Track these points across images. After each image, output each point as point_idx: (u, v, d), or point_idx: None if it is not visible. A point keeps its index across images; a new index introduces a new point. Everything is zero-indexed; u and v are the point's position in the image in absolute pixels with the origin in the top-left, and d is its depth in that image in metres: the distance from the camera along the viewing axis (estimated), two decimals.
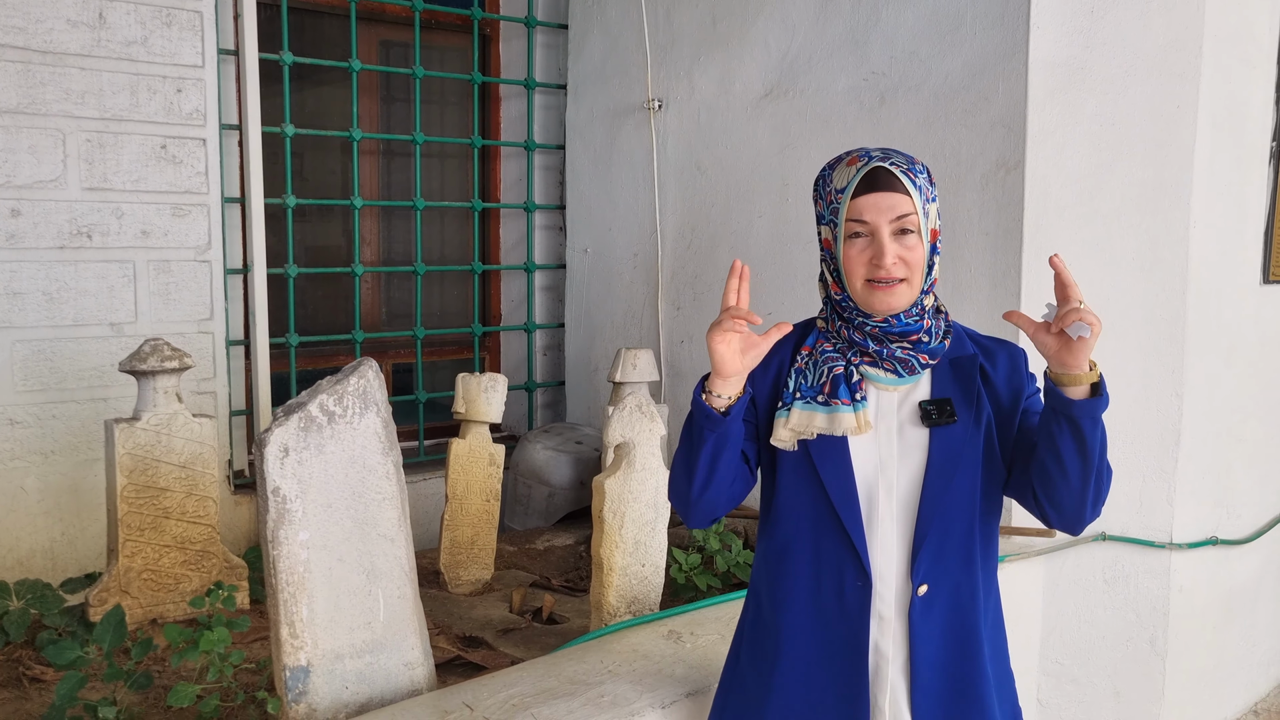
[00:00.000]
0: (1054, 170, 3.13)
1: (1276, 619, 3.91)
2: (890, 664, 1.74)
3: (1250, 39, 3.34)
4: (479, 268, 4.76)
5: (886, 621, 1.74)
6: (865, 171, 1.67)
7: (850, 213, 1.68)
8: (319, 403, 2.21)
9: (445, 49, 4.78)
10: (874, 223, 1.66)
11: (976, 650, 1.76)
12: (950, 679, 1.75)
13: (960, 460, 1.72)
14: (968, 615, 1.76)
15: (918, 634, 1.73)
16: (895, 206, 1.66)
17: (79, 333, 3.58)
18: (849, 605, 1.74)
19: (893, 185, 1.66)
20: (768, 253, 3.89)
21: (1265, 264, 3.54)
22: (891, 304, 1.68)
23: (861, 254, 1.68)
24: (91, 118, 3.55)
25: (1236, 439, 3.50)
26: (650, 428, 2.84)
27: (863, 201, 1.67)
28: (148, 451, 3.01)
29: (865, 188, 1.67)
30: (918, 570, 1.72)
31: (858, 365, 1.74)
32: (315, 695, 2.21)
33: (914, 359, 1.72)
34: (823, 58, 3.68)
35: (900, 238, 1.67)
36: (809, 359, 1.78)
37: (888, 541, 1.74)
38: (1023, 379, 1.79)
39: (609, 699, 2.20)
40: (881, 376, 1.74)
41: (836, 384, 1.73)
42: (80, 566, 3.58)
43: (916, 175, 1.69)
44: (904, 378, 1.74)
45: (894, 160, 1.68)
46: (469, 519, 3.48)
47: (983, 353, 1.80)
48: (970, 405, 1.74)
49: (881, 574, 1.74)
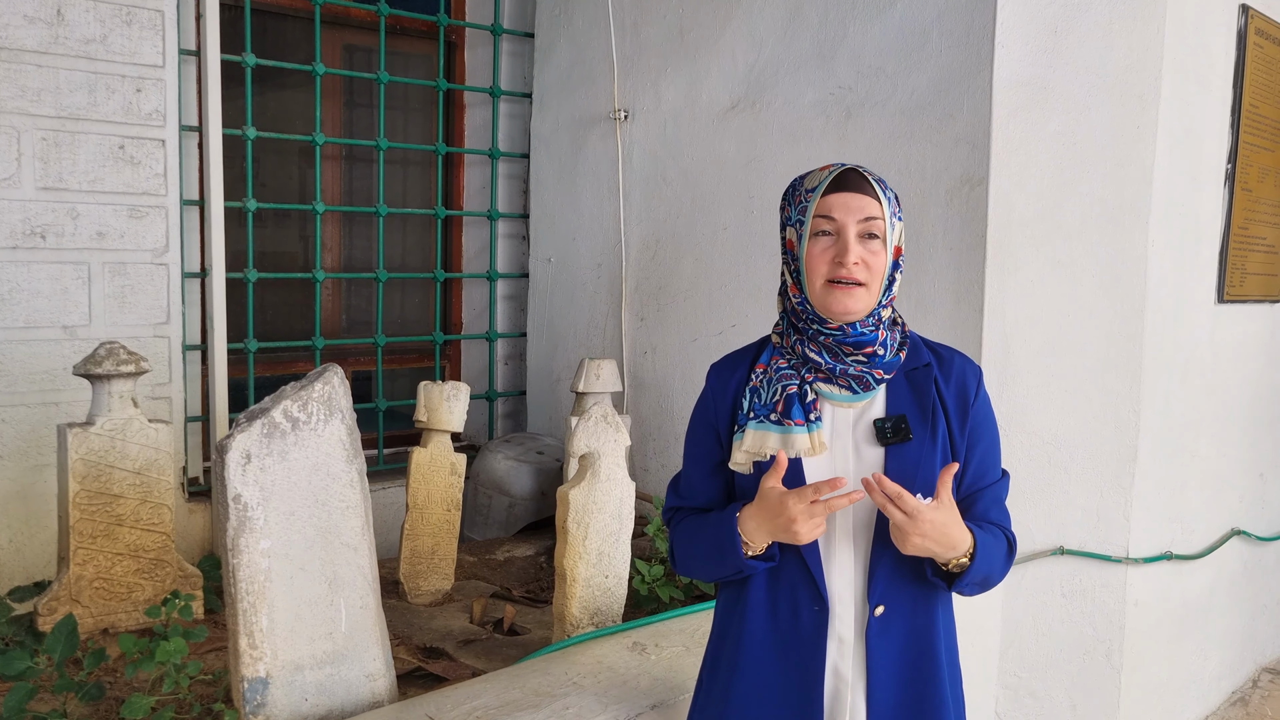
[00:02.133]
0: (1017, 187, 3.17)
1: (1228, 633, 3.97)
2: (850, 687, 1.72)
3: (1207, 63, 3.40)
4: (441, 275, 4.73)
5: (846, 644, 1.73)
6: (838, 172, 1.69)
7: (819, 209, 1.69)
8: (283, 409, 2.17)
9: (410, 55, 4.75)
10: (841, 220, 1.67)
11: (935, 671, 1.75)
12: (908, 701, 1.73)
13: (916, 478, 1.70)
14: (925, 636, 1.75)
15: (874, 656, 1.71)
16: (864, 208, 1.67)
17: (30, 335, 3.50)
18: (805, 629, 1.73)
19: (863, 188, 1.68)
20: (731, 265, 3.89)
21: (1220, 283, 3.60)
22: (849, 306, 1.67)
23: (825, 252, 1.68)
24: (48, 116, 3.48)
25: (1191, 456, 3.56)
26: (615, 438, 2.83)
27: (832, 199, 1.68)
28: (101, 457, 2.94)
29: (836, 187, 1.69)
30: (874, 591, 1.70)
31: (811, 383, 1.73)
32: (274, 707, 2.17)
33: (868, 375, 1.71)
34: (789, 71, 3.69)
35: (865, 241, 1.67)
36: (764, 376, 1.76)
37: (844, 562, 1.73)
38: (970, 397, 1.77)
39: (574, 711, 2.18)
40: (836, 394, 1.73)
41: (790, 403, 1.71)
42: (28, 575, 3.49)
43: (886, 188, 1.71)
44: (859, 394, 1.73)
45: (867, 170, 1.71)
46: (430, 528, 3.45)
47: (937, 362, 1.79)
48: (926, 421, 1.73)
49: (840, 596, 1.73)
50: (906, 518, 1.58)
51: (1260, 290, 3.87)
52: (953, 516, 1.62)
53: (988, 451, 1.80)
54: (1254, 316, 3.88)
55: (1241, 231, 3.68)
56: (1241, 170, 3.63)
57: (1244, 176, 3.66)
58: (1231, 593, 3.94)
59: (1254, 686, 4.16)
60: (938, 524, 1.59)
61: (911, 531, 1.58)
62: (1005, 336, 3.20)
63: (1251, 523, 4.00)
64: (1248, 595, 4.08)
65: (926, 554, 1.63)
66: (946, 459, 1.74)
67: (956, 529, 1.62)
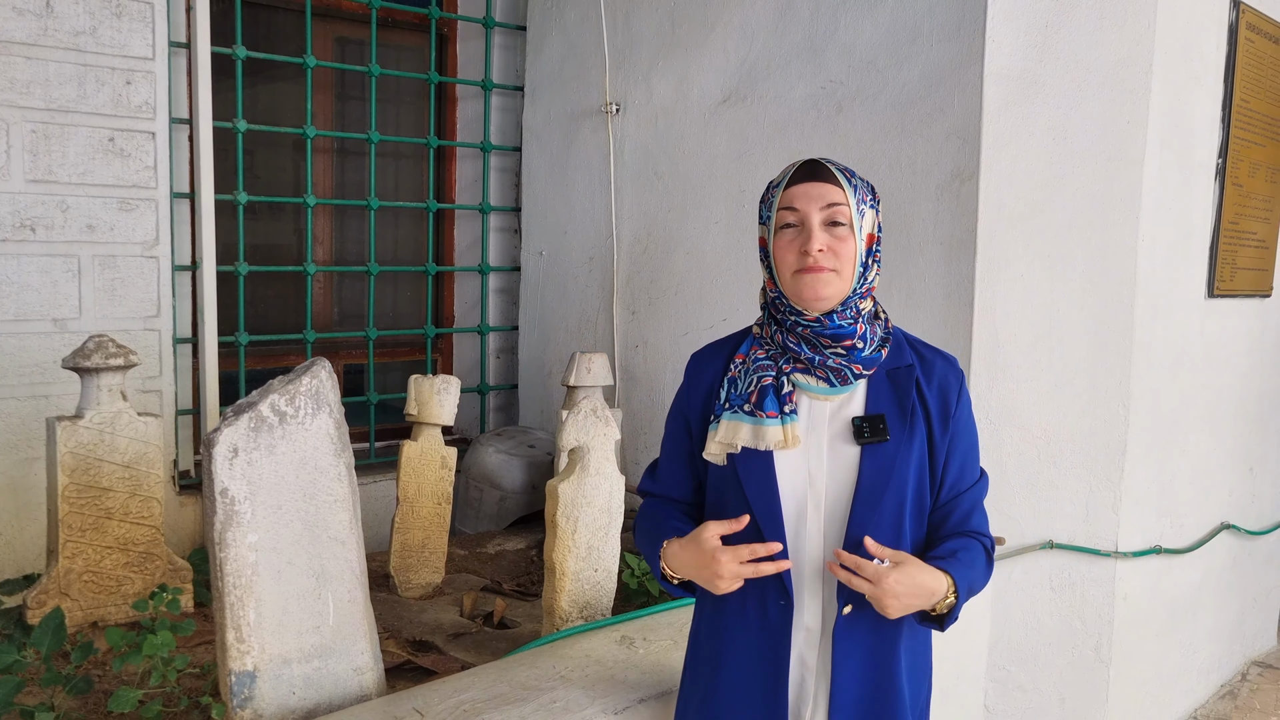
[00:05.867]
0: (1007, 182, 3.17)
1: (1216, 627, 3.98)
2: (817, 678, 1.75)
3: (1198, 57, 3.40)
4: (433, 269, 4.72)
5: (813, 634, 1.75)
6: (800, 164, 1.71)
7: (782, 202, 1.70)
8: (270, 402, 2.17)
9: (401, 47, 4.74)
10: (804, 210, 1.68)
11: (894, 671, 1.75)
12: (867, 699, 1.74)
13: (890, 479, 1.70)
14: (888, 636, 1.75)
15: (840, 652, 1.72)
16: (825, 195, 1.68)
17: (20, 328, 3.49)
18: (772, 622, 1.74)
19: (825, 177, 1.69)
20: (723, 259, 3.89)
21: (1210, 278, 3.61)
22: (819, 292, 1.67)
23: (791, 244, 1.69)
24: (37, 108, 3.46)
25: (1180, 450, 3.56)
26: (605, 432, 2.83)
27: (794, 190, 1.70)
28: (90, 450, 2.93)
29: (799, 179, 1.70)
30: (842, 590, 1.70)
31: (789, 374, 1.72)
32: (261, 701, 2.17)
33: (847, 368, 1.71)
34: (781, 65, 3.69)
35: (830, 229, 1.68)
36: (741, 366, 1.77)
37: (815, 557, 1.73)
38: (952, 402, 1.77)
39: (561, 705, 2.19)
40: (814, 385, 1.73)
41: (764, 394, 1.71)
42: (18, 568, 3.49)
43: (852, 177, 1.71)
44: (837, 388, 1.72)
45: (831, 161, 1.72)
46: (420, 522, 3.45)
47: (920, 363, 1.78)
48: (904, 422, 1.72)
49: (811, 589, 1.74)
50: (872, 586, 1.60)
51: (1250, 285, 3.88)
52: (916, 568, 1.63)
53: (968, 454, 1.80)
54: (1244, 311, 3.89)
55: (1232, 226, 3.69)
56: (1232, 165, 3.64)
57: (1234, 171, 3.66)
58: (1220, 586, 3.96)
59: (1242, 680, 4.17)
60: (904, 581, 1.60)
61: (883, 596, 1.59)
62: (995, 331, 3.20)
63: (1240, 517, 4.01)
64: (1236, 589, 4.10)
65: (911, 611, 1.64)
66: (923, 461, 1.74)
67: (926, 577, 1.63)
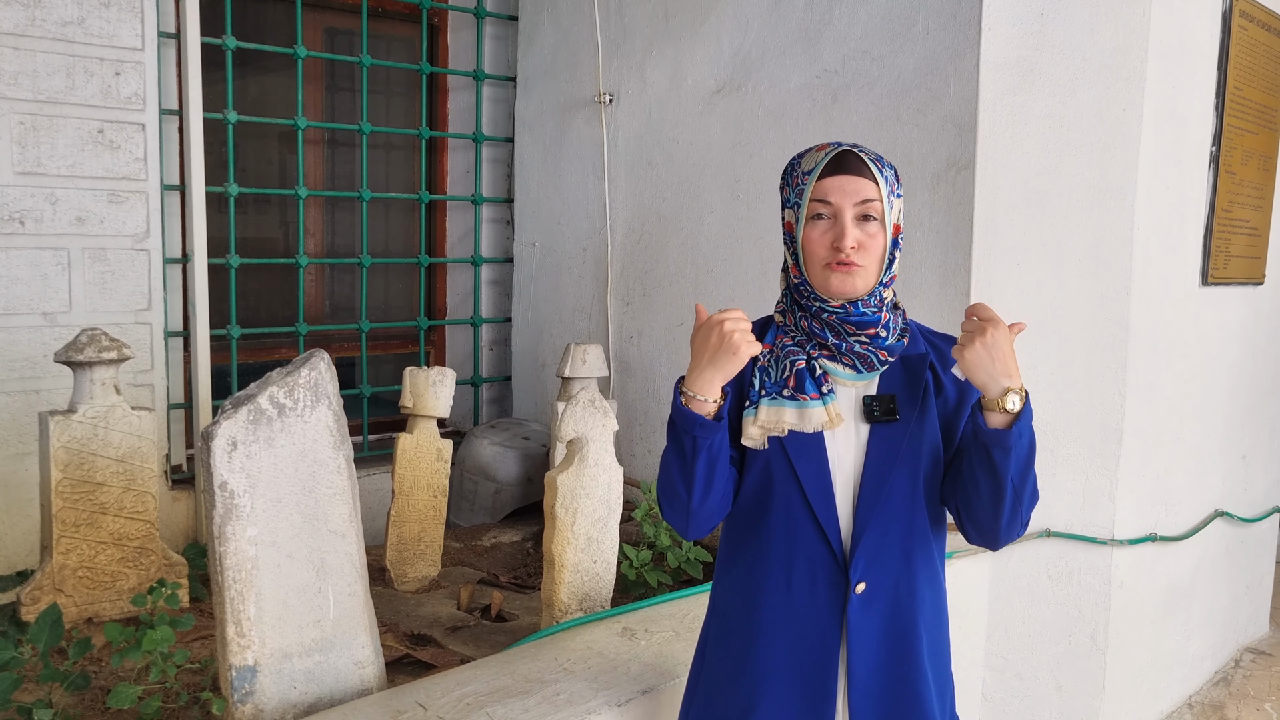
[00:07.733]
0: (1004, 170, 3.16)
1: (1211, 613, 4.00)
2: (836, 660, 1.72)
3: (1192, 45, 3.40)
4: (425, 261, 4.70)
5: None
6: (834, 155, 1.67)
7: (815, 193, 1.67)
8: (269, 395, 2.15)
9: (392, 38, 4.70)
10: (838, 204, 1.66)
11: (915, 650, 1.74)
12: (888, 679, 1.73)
13: (898, 459, 1.70)
14: (906, 614, 1.74)
15: (855, 632, 1.71)
16: (860, 190, 1.65)
17: (10, 322, 3.46)
18: (820, 601, 1.72)
19: (859, 170, 1.66)
20: (718, 249, 3.88)
21: (1204, 266, 3.61)
22: (848, 288, 1.66)
23: (823, 236, 1.67)
24: (25, 99, 3.43)
25: (1175, 438, 3.57)
26: (603, 423, 2.81)
27: (828, 183, 1.66)
28: (84, 445, 2.91)
29: (832, 170, 1.67)
30: (855, 568, 1.70)
31: (817, 359, 1.72)
32: (262, 695, 2.15)
33: (873, 355, 1.71)
34: (775, 54, 3.68)
35: (862, 223, 1.66)
36: (771, 355, 1.76)
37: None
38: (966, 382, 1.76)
39: (564, 697, 2.18)
40: (841, 371, 1.72)
41: (801, 378, 1.70)
42: (10, 564, 3.46)
43: (884, 167, 1.69)
44: (863, 374, 1.72)
45: (863, 149, 1.68)
46: (416, 515, 3.43)
47: (934, 351, 1.78)
48: (915, 404, 1.73)
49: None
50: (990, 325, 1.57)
51: (1243, 273, 3.88)
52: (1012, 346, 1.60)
53: None
54: (1237, 299, 3.89)
55: (1225, 214, 3.69)
56: (1225, 153, 3.64)
57: (1228, 159, 3.66)
58: (1215, 573, 3.97)
59: (1236, 666, 4.19)
60: (1004, 341, 1.57)
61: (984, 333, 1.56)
62: None
63: (1234, 504, 4.03)
64: (1230, 576, 4.12)
65: (979, 370, 1.58)
66: (935, 441, 1.74)
67: (1012, 359, 1.59)
